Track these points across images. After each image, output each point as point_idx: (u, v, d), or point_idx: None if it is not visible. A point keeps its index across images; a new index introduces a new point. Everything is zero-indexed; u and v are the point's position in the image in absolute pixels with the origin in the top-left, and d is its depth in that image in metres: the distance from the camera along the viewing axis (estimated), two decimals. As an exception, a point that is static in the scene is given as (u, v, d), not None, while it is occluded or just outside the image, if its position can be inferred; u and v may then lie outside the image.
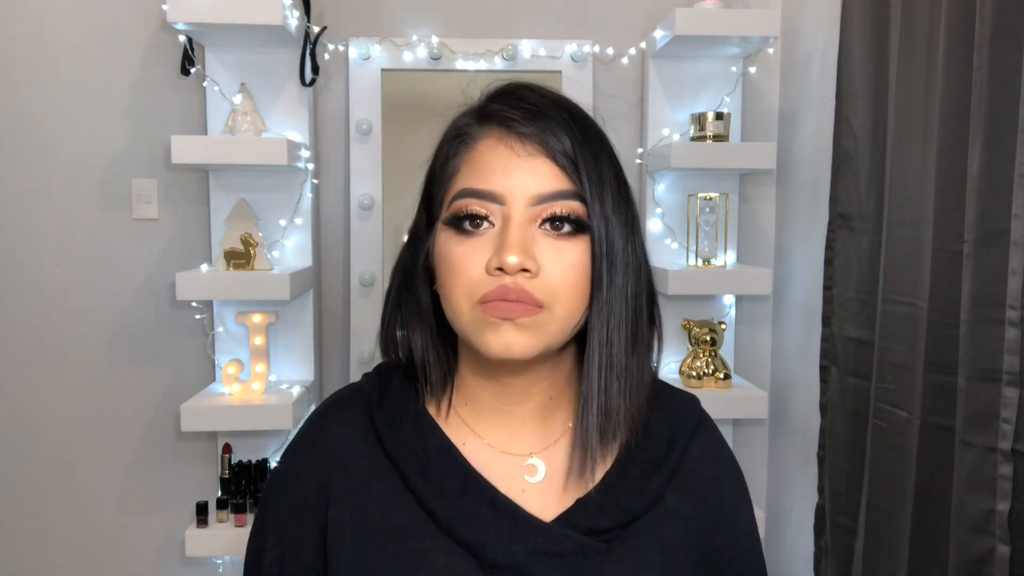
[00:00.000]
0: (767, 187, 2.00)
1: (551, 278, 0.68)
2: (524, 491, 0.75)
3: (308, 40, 1.80)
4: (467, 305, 0.69)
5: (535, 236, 0.69)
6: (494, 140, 0.71)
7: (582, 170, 0.70)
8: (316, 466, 0.77)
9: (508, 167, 0.69)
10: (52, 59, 1.85)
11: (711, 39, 1.75)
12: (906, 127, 1.34)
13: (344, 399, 0.82)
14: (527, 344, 0.68)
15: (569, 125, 0.71)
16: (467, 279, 0.69)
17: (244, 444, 1.88)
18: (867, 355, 1.46)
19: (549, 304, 0.68)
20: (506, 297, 0.67)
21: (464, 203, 0.70)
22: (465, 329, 0.70)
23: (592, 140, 0.73)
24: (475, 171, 0.71)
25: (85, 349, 1.91)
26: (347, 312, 1.94)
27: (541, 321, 0.68)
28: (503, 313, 0.67)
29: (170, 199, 1.90)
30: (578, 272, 0.69)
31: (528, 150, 0.70)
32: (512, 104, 0.72)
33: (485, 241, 0.69)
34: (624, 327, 0.72)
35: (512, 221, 0.68)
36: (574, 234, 0.70)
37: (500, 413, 0.78)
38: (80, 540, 1.95)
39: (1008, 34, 1.08)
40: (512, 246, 0.67)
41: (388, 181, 1.90)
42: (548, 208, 0.69)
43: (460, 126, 0.75)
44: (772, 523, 2.02)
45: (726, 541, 0.81)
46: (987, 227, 1.12)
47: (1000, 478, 1.10)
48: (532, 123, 0.70)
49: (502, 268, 0.67)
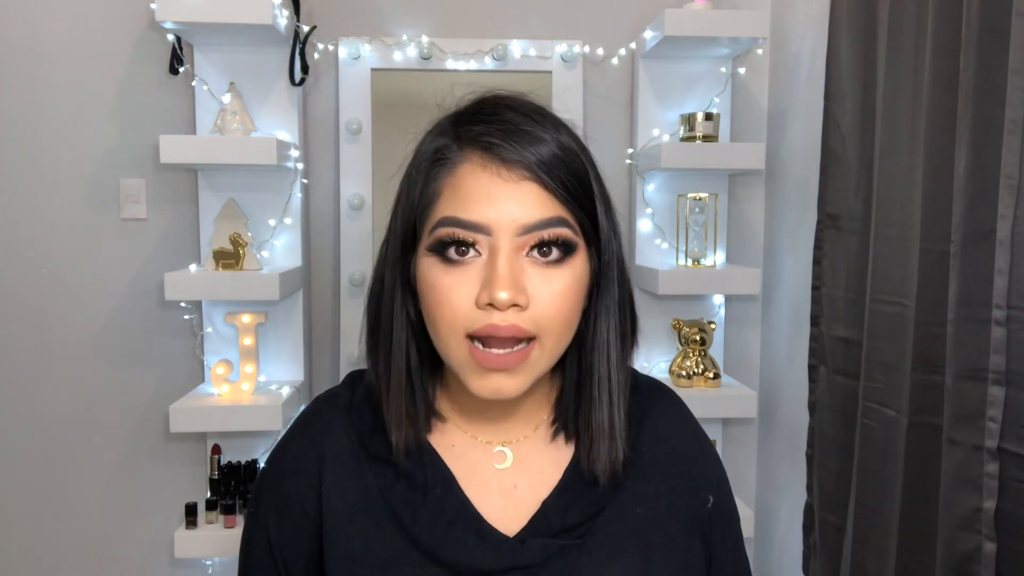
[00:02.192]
0: (756, 187, 2.01)
1: (541, 310, 0.68)
2: (492, 493, 0.77)
3: (297, 39, 1.79)
4: (455, 340, 0.68)
5: (523, 266, 0.68)
6: (476, 165, 0.69)
7: (572, 189, 0.69)
8: (307, 458, 0.78)
9: (493, 195, 0.67)
10: (39, 58, 1.83)
11: (700, 40, 1.76)
12: (894, 128, 1.35)
13: (325, 402, 0.83)
14: (517, 386, 0.69)
15: (552, 143, 0.69)
16: (454, 312, 0.67)
17: (233, 445, 1.87)
18: (855, 354, 1.47)
19: (540, 335, 0.68)
20: (497, 335, 0.66)
21: (448, 232, 0.68)
22: (453, 364, 0.71)
23: (577, 155, 0.71)
24: (457, 198, 0.68)
25: (73, 349, 1.90)
26: (337, 312, 1.94)
27: (532, 360, 0.69)
28: (497, 365, 0.67)
29: (159, 199, 1.89)
30: (566, 299, 0.69)
31: (513, 175, 0.68)
32: (491, 124, 0.69)
33: (472, 271, 0.68)
34: (616, 339, 0.74)
35: (500, 253, 0.67)
36: (562, 260, 0.69)
37: (486, 417, 0.79)
38: (68, 541, 1.94)
39: (994, 35, 1.09)
40: (502, 282, 0.65)
41: (378, 181, 1.89)
42: (536, 236, 0.68)
43: (439, 148, 0.71)
44: (761, 522, 2.03)
45: (698, 501, 0.81)
46: (974, 227, 1.13)
47: (987, 476, 1.11)
48: (515, 146, 0.68)
49: (492, 304, 0.66)
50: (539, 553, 0.73)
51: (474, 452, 0.78)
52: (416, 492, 0.75)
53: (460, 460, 0.78)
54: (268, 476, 0.82)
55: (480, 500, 0.76)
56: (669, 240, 1.93)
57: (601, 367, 0.75)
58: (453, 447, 0.78)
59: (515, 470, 0.78)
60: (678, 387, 1.86)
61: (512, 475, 0.78)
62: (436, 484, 0.75)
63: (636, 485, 0.78)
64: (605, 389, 0.75)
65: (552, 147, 0.69)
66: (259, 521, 0.80)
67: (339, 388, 0.84)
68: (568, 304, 0.69)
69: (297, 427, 0.82)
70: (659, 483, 0.79)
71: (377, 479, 0.76)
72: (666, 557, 0.76)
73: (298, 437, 0.81)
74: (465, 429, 0.79)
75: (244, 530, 0.82)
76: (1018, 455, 1.08)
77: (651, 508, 0.78)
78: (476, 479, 0.77)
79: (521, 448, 0.79)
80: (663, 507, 0.78)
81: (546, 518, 0.75)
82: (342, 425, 0.79)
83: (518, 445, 0.79)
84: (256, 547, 0.80)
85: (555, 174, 0.68)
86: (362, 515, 0.75)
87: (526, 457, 0.79)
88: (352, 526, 0.75)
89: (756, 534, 2.02)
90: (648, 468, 0.80)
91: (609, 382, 0.75)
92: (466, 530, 0.73)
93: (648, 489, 0.79)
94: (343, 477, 0.77)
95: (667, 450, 0.82)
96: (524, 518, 0.75)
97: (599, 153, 0.76)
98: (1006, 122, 1.06)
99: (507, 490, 0.77)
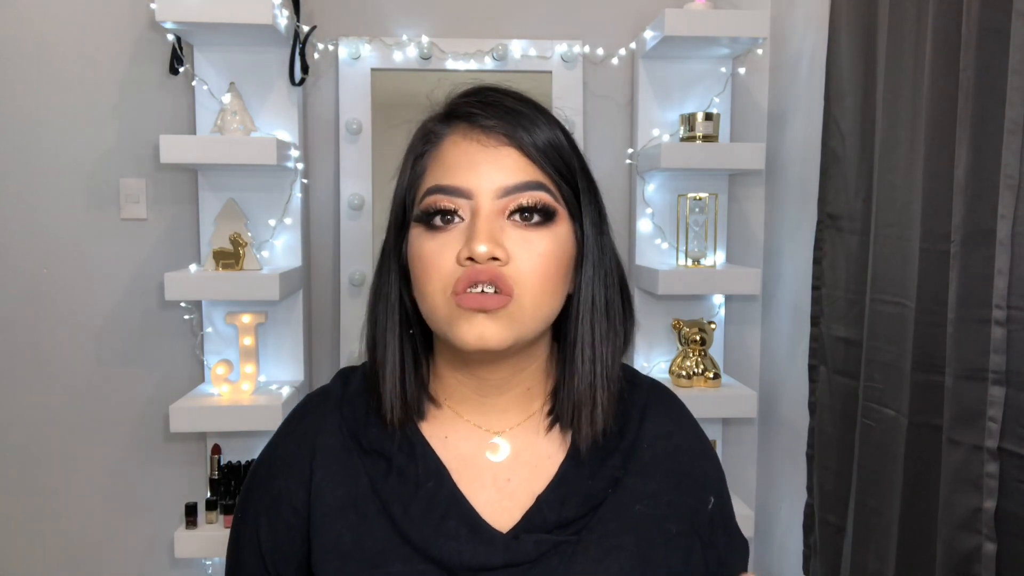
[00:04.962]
0: (756, 187, 2.01)
1: (520, 267, 0.69)
2: (485, 486, 0.76)
3: (297, 39, 1.79)
4: (441, 298, 0.70)
5: (504, 227, 0.70)
6: (459, 136, 0.73)
7: (551, 157, 0.72)
8: (297, 456, 0.78)
9: (473, 161, 0.71)
10: (40, 58, 1.83)
11: (700, 40, 1.76)
12: (894, 128, 1.35)
13: (316, 399, 0.83)
14: (500, 334, 0.69)
15: (533, 117, 0.72)
16: (440, 273, 0.70)
17: (233, 445, 1.87)
18: (855, 354, 1.47)
19: (519, 293, 0.69)
20: (477, 279, 0.68)
21: (433, 200, 0.71)
22: (440, 323, 0.71)
23: (558, 132, 0.74)
24: (442, 167, 0.72)
25: (73, 349, 1.90)
26: (337, 312, 1.94)
27: (512, 311, 0.69)
28: (476, 304, 0.68)
29: (159, 199, 1.89)
30: (547, 261, 0.70)
31: (493, 141, 0.71)
32: (476, 98, 0.74)
33: (455, 235, 0.70)
34: (601, 317, 0.75)
35: (480, 213, 0.69)
36: (543, 224, 0.71)
37: (480, 406, 0.79)
38: (68, 542, 1.94)
39: (994, 35, 1.09)
40: (481, 235, 0.68)
41: (378, 181, 1.89)
42: (515, 199, 0.70)
43: (427, 129, 0.76)
44: (761, 522, 2.03)
45: (699, 502, 0.81)
46: (974, 227, 1.13)
47: (987, 476, 1.11)
48: (496, 115, 0.72)
49: (472, 258, 0.68)
50: (533, 549, 0.72)
51: (467, 444, 0.78)
52: (408, 485, 0.74)
53: (453, 452, 0.77)
54: (257, 477, 0.81)
55: (473, 493, 0.75)
56: (669, 240, 1.93)
57: (584, 334, 0.75)
58: (446, 438, 0.78)
59: (509, 463, 0.77)
60: (678, 387, 1.86)
61: (506, 468, 0.77)
62: (428, 477, 0.75)
63: (636, 482, 0.77)
64: (588, 358, 0.75)
65: (532, 120, 0.72)
66: (248, 525, 0.79)
67: (331, 384, 0.84)
68: (547, 265, 0.71)
69: (286, 426, 0.82)
70: (660, 481, 0.79)
71: (369, 473, 0.76)
72: (665, 556, 0.75)
73: (287, 436, 0.81)
74: (459, 412, 0.79)
75: (232, 532, 0.81)
76: (1018, 455, 1.08)
77: (651, 506, 0.77)
78: (469, 471, 0.76)
79: (516, 440, 0.78)
80: (664, 505, 0.77)
81: (541, 513, 0.74)
82: (334, 421, 0.79)
83: (512, 435, 0.79)
84: (245, 552, 0.79)
85: (534, 141, 0.72)
86: (352, 510, 0.74)
87: (521, 450, 0.78)
88: (342, 521, 0.74)
89: (756, 534, 2.02)
90: (649, 465, 0.79)
91: (593, 350, 0.75)
92: (458, 524, 0.73)
93: (648, 487, 0.78)
94: (334, 472, 0.76)
95: (669, 448, 0.81)
96: (518, 512, 0.75)
97: (599, 153, 0.77)
98: (1006, 122, 1.06)
99: (501, 483, 0.76)
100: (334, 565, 0.73)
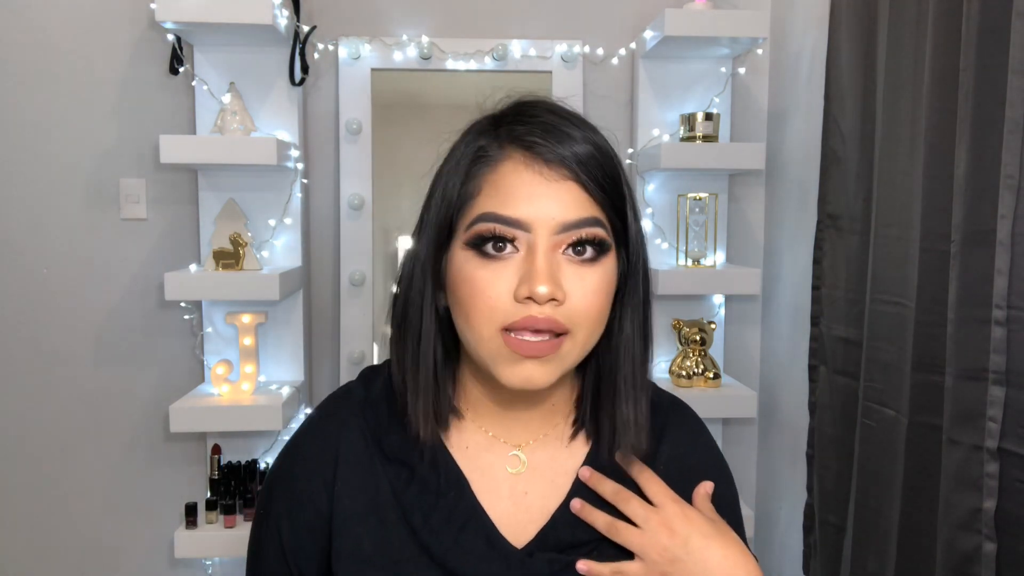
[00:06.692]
0: (756, 187, 2.01)
1: (575, 305, 0.69)
2: (503, 498, 0.77)
3: (297, 39, 1.79)
4: (488, 331, 0.69)
5: (559, 263, 0.69)
6: (519, 163, 0.70)
7: (609, 192, 0.71)
8: (321, 459, 0.78)
9: (533, 193, 0.69)
10: (39, 58, 1.83)
11: (700, 40, 1.76)
12: (894, 128, 1.35)
13: (339, 400, 0.83)
14: (548, 377, 0.70)
15: (590, 145, 0.71)
16: (490, 305, 0.68)
17: (233, 445, 1.87)
18: (855, 354, 1.47)
19: (573, 330, 0.69)
20: (535, 327, 0.67)
21: (488, 227, 0.69)
22: (484, 356, 0.71)
23: (611, 158, 0.73)
24: (498, 194, 0.70)
25: (73, 350, 1.90)
26: (337, 312, 1.94)
27: (564, 351, 0.69)
28: (531, 352, 0.68)
29: (159, 199, 1.89)
30: (598, 297, 0.71)
31: (555, 175, 0.69)
32: (533, 124, 0.71)
33: (509, 266, 0.69)
34: (639, 338, 0.76)
35: (538, 249, 0.68)
36: (595, 259, 0.71)
37: (503, 418, 0.79)
38: (68, 542, 1.94)
39: (994, 35, 1.09)
40: (542, 276, 0.67)
41: (378, 181, 1.89)
42: (573, 235, 0.69)
43: (480, 146, 0.73)
44: (761, 522, 2.03)
45: None
46: (974, 227, 1.13)
47: (987, 476, 1.11)
48: (557, 145, 0.70)
49: (531, 297, 0.67)
50: (546, 568, 0.73)
51: (488, 454, 0.79)
52: (429, 494, 0.75)
53: (473, 462, 0.78)
54: (280, 476, 0.81)
55: (491, 504, 0.76)
56: (669, 240, 1.93)
57: (626, 363, 0.76)
58: (467, 449, 0.79)
59: (527, 476, 0.78)
60: (678, 387, 1.86)
61: (524, 480, 0.78)
62: (449, 487, 0.76)
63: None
64: (631, 384, 0.76)
65: (590, 148, 0.71)
66: (270, 525, 0.79)
67: (353, 384, 0.84)
68: (600, 301, 0.71)
69: (310, 426, 0.82)
70: None
71: (391, 480, 0.76)
72: None
73: (311, 437, 0.81)
74: (482, 425, 0.79)
75: (253, 530, 0.82)
76: (1018, 455, 1.08)
77: None
78: (487, 482, 0.77)
79: (535, 453, 0.79)
80: None
81: (556, 531, 0.75)
82: (357, 424, 0.79)
83: (532, 449, 0.79)
84: (267, 551, 0.79)
85: (593, 175, 0.70)
86: (373, 516, 0.75)
87: (539, 463, 0.79)
88: (362, 527, 0.75)
89: (756, 534, 2.02)
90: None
91: (634, 378, 0.76)
92: (476, 537, 0.74)
93: None
94: (356, 478, 0.77)
95: (683, 468, 0.82)
96: (533, 526, 0.76)
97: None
98: (1006, 122, 1.06)
99: (518, 496, 0.77)
100: (353, 569, 0.74)
